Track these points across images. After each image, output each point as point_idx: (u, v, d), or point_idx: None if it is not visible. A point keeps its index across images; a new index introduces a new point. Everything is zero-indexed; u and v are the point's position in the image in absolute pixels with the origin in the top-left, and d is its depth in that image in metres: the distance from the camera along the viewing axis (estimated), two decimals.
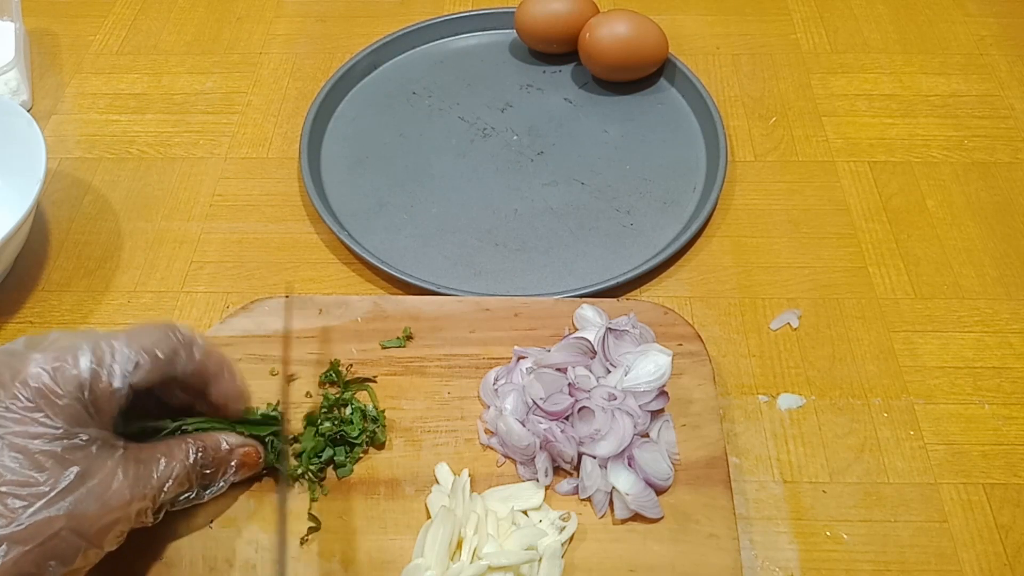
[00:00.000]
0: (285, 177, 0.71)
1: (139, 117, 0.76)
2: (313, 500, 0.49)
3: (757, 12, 0.85)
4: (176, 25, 0.85)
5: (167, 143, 0.74)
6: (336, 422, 0.51)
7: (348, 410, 0.52)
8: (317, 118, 0.73)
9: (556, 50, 0.79)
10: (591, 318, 0.56)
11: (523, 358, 0.54)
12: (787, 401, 0.56)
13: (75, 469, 0.38)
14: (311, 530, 0.48)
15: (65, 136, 0.74)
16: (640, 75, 0.76)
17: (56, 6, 0.87)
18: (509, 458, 0.51)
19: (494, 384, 0.53)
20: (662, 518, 0.48)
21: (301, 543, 0.48)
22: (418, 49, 0.81)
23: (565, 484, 0.50)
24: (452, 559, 0.45)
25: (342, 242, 0.64)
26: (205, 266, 0.65)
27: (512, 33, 0.80)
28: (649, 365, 0.51)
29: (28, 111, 0.68)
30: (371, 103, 0.77)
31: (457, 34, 0.82)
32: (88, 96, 0.78)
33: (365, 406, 0.52)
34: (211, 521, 0.49)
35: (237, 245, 0.66)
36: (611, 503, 0.49)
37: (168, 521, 0.46)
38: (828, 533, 0.50)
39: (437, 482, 0.50)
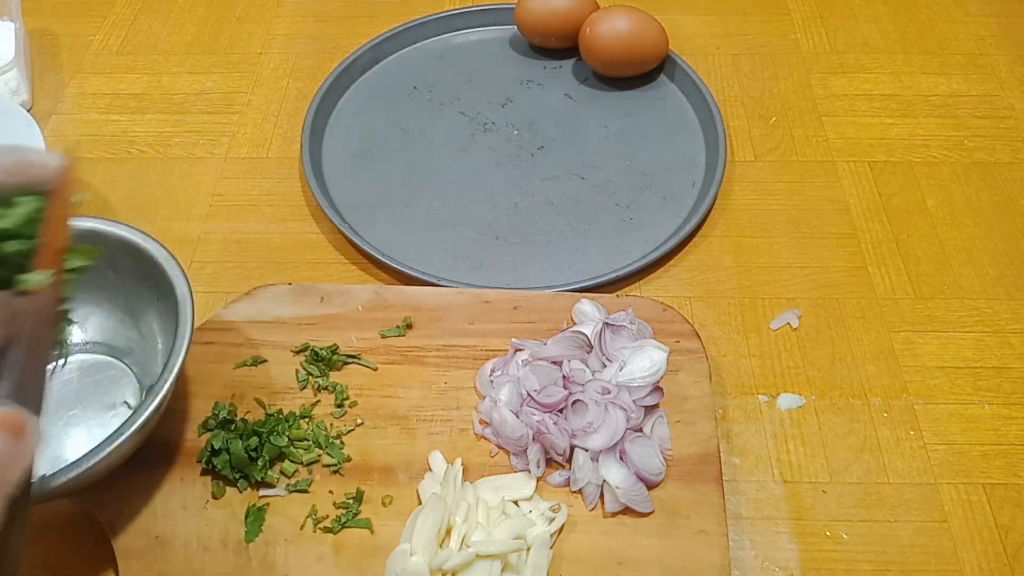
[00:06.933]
0: (285, 177, 0.71)
1: (139, 117, 0.76)
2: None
3: (757, 12, 0.85)
4: (176, 25, 0.85)
5: (167, 143, 0.74)
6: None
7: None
8: (318, 113, 0.73)
9: (556, 45, 0.79)
10: (590, 313, 0.56)
11: (520, 350, 0.55)
12: (787, 401, 0.56)
13: None
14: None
15: (65, 136, 0.74)
16: (640, 71, 0.76)
17: (56, 6, 0.87)
18: (502, 448, 0.51)
19: (490, 375, 0.54)
20: (652, 512, 0.48)
21: (300, 528, 0.48)
22: (419, 45, 0.81)
23: (557, 476, 0.50)
24: (441, 546, 0.46)
25: (344, 237, 0.64)
26: (205, 266, 0.65)
27: (513, 29, 0.80)
28: (644, 360, 0.52)
29: (28, 111, 0.68)
30: (372, 98, 0.77)
31: (458, 30, 0.82)
32: (88, 96, 0.78)
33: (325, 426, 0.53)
34: (206, 501, 0.49)
35: (237, 245, 0.66)
36: (602, 496, 0.49)
37: (163, 500, 0.48)
38: (828, 533, 0.50)
39: (430, 470, 0.50)
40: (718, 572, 0.46)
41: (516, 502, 0.49)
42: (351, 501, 0.49)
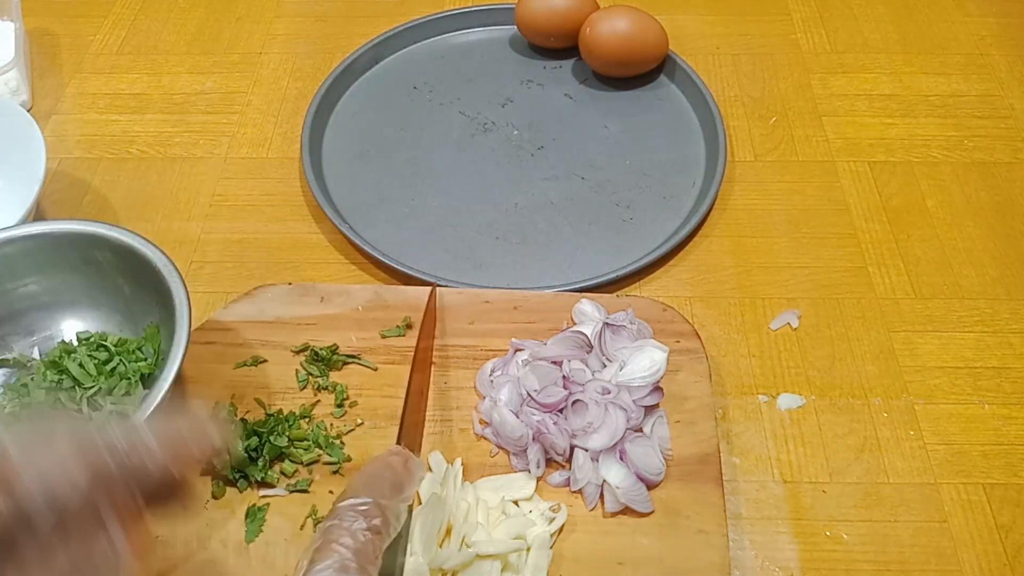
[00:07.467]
0: (285, 177, 0.71)
1: (139, 117, 0.76)
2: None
3: (757, 12, 0.85)
4: (176, 25, 0.85)
5: (167, 143, 0.74)
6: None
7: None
8: (318, 113, 0.73)
9: (556, 45, 0.79)
10: (590, 313, 0.56)
11: (520, 350, 0.55)
12: (787, 401, 0.56)
13: None
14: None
15: (65, 136, 0.74)
16: (640, 71, 0.76)
17: (56, 6, 0.87)
18: (502, 448, 0.51)
19: (490, 375, 0.54)
20: (652, 512, 0.48)
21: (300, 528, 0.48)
22: (419, 44, 0.81)
23: (557, 476, 0.50)
24: (441, 546, 0.46)
25: (344, 237, 0.64)
26: (205, 266, 0.65)
27: (513, 28, 0.80)
28: (644, 360, 0.52)
29: (28, 111, 0.68)
30: (372, 98, 0.77)
31: (458, 29, 0.82)
32: (88, 96, 0.78)
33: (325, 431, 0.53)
34: (206, 501, 0.49)
35: (237, 245, 0.66)
36: (602, 496, 0.49)
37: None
38: (828, 533, 0.50)
39: (430, 470, 0.50)
40: (718, 572, 0.46)
41: (516, 502, 0.49)
42: None
